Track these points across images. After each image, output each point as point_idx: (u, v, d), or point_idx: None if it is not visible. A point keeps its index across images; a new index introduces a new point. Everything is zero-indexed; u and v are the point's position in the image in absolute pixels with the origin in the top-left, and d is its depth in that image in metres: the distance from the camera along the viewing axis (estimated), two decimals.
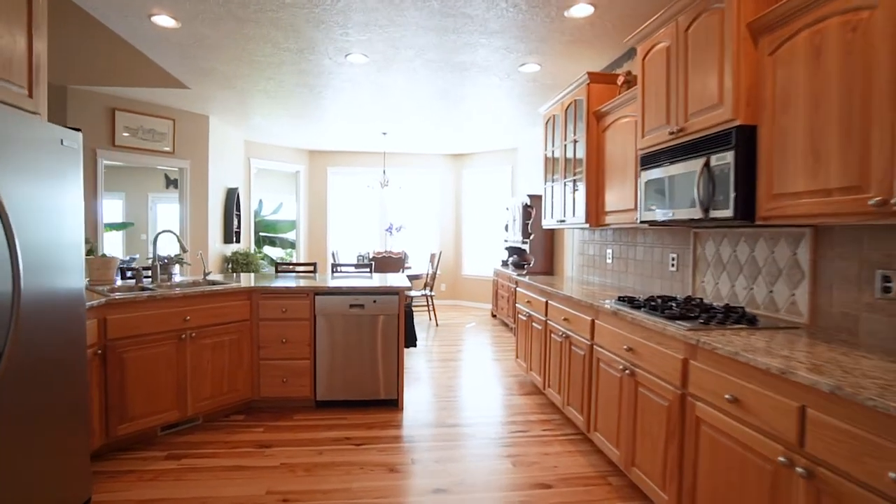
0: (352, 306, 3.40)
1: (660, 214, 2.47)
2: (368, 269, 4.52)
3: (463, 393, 3.87)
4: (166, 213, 9.41)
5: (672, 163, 2.35)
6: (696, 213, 2.10)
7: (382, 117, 5.76)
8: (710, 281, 2.66)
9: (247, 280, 3.66)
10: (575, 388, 3.00)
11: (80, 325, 2.14)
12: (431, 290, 6.65)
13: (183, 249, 3.39)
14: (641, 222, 2.68)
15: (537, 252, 6.05)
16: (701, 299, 2.57)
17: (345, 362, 3.42)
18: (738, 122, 1.87)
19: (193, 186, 5.63)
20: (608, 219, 3.27)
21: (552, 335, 3.41)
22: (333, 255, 6.29)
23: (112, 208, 9.38)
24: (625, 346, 2.36)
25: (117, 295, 2.75)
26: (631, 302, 2.53)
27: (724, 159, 1.92)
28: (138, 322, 2.79)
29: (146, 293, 2.84)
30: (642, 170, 2.64)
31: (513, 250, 7.18)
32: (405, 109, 5.40)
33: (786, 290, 2.08)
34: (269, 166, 7.63)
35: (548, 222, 4.24)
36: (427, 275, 6.76)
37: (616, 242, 3.75)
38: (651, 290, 3.26)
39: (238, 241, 6.57)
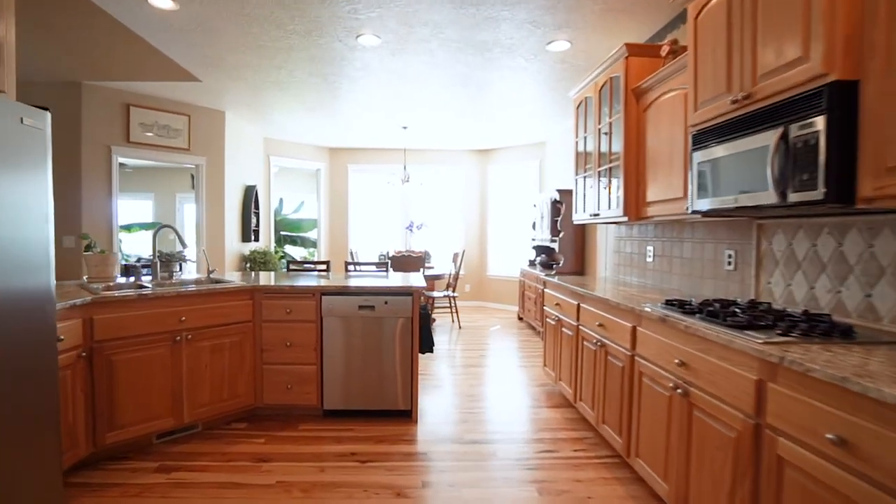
0: (361, 308, 3.10)
1: (717, 202, 2.06)
2: (384, 269, 4.23)
3: (484, 403, 3.52)
4: (192, 213, 9.41)
5: (735, 138, 1.94)
6: (769, 198, 1.69)
7: (401, 109, 5.47)
8: (778, 282, 2.22)
9: (258, 278, 3.42)
10: (612, 405, 2.60)
11: (48, 327, 1.91)
12: (454, 291, 6.31)
13: (183, 245, 3.17)
14: (693, 212, 2.27)
15: (567, 251, 5.64)
16: (769, 304, 2.14)
17: (354, 368, 3.12)
18: (832, 78, 1.46)
19: (209, 183, 5.48)
20: (650, 210, 2.86)
21: (585, 342, 3.02)
22: (352, 254, 6.04)
23: (143, 208, 9.46)
24: (676, 360, 1.96)
25: (106, 293, 2.53)
26: (682, 306, 2.13)
27: (811, 127, 1.51)
28: (128, 322, 2.57)
29: (136, 291, 2.62)
30: (694, 150, 2.23)
31: (541, 249, 6.76)
32: (425, 100, 5.09)
33: (893, 293, 1.65)
34: (289, 164, 7.47)
35: (579, 217, 3.85)
36: (450, 275, 6.43)
37: (658, 238, 3.32)
38: (700, 292, 2.83)
39: (257, 239, 6.41)
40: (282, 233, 8.51)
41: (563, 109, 5.46)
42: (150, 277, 3.19)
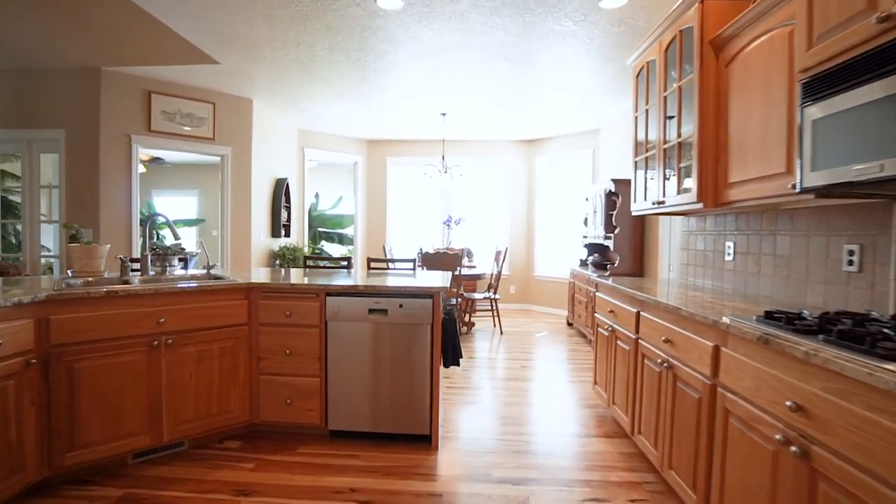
0: (372, 311, 2.62)
1: (844, 173, 1.41)
2: (411, 266, 3.75)
3: (522, 428, 2.94)
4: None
5: (882, 75, 1.29)
6: None
7: (437, 92, 4.98)
8: None
9: (274, 274, 3.04)
10: (683, 447, 1.97)
11: None
12: (495, 293, 5.75)
13: (175, 238, 2.83)
14: (802, 191, 1.61)
15: (623, 248, 4.92)
16: None
17: (364, 383, 2.66)
18: None
19: (235, 175, 5.24)
20: (734, 193, 2.18)
21: (646, 360, 2.38)
22: (385, 250, 5.63)
23: (188, 205, 9.59)
24: (787, 402, 1.33)
25: (64, 290, 2.20)
26: (790, 322, 1.48)
27: None
28: (94, 324, 2.22)
29: (103, 288, 2.27)
30: (806, 104, 1.58)
31: (593, 247, 6.06)
32: (461, 80, 4.56)
33: None
34: (324, 157, 7.19)
35: (639, 207, 3.19)
36: (491, 275, 5.87)
37: (741, 231, 2.62)
38: (804, 299, 2.12)
39: (287, 235, 6.15)
40: (319, 229, 8.28)
41: (620, 87, 4.75)
42: (139, 273, 2.88)
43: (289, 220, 6.16)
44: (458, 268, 5.09)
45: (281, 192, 5.88)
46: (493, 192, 7.59)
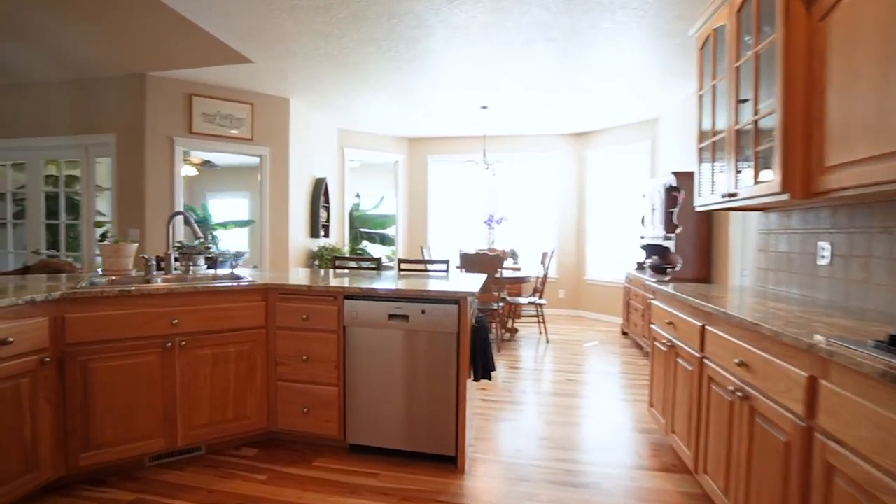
0: (392, 317, 2.37)
1: None
2: (444, 268, 3.48)
3: (565, 453, 2.59)
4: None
5: None
6: None
7: (476, 82, 4.68)
8: None
9: (312, 276, 2.88)
10: (766, 498, 1.56)
11: None
12: (541, 297, 5.36)
13: (196, 236, 2.73)
14: None
15: (686, 250, 4.40)
16: None
17: (384, 395, 2.41)
18: None
19: (274, 175, 5.20)
20: (834, 179, 1.73)
21: (713, 385, 1.97)
22: (422, 251, 5.41)
23: (240, 206, 9.87)
24: None
25: (78, 288, 2.11)
26: None
27: None
28: (108, 324, 2.13)
29: (118, 287, 2.17)
30: None
31: (651, 249, 5.53)
32: (501, 68, 4.24)
33: None
34: (364, 156, 7.09)
35: (706, 201, 2.74)
36: (537, 278, 5.49)
37: (842, 228, 2.13)
38: None
39: (326, 235, 6.07)
40: (360, 229, 8.21)
41: (680, 68, 4.24)
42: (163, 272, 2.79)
43: (328, 220, 6.08)
44: (500, 270, 4.77)
45: (320, 192, 5.81)
46: (539, 190, 7.17)
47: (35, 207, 4.89)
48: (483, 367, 2.53)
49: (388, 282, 2.66)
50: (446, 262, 3.49)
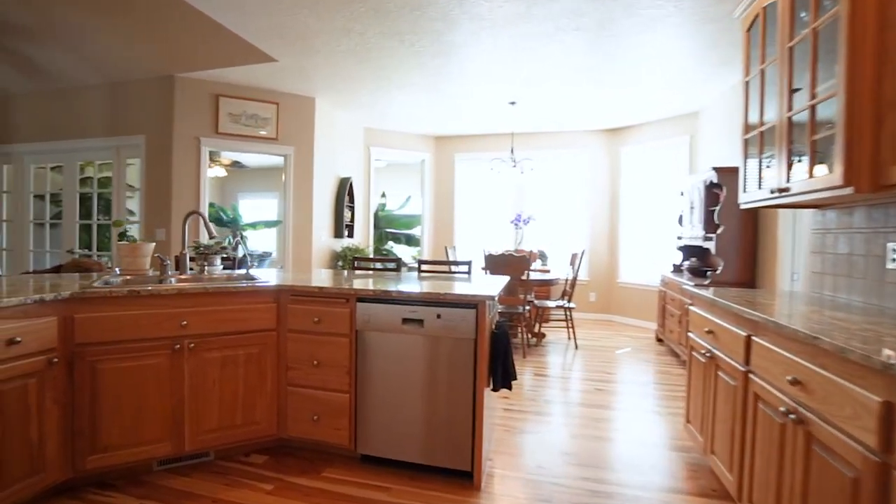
0: (406, 321, 2.24)
1: None
2: (466, 269, 3.33)
3: (591, 471, 2.39)
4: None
5: None
6: None
7: (503, 76, 4.51)
8: None
9: (318, 276, 2.80)
10: None
11: None
12: (570, 301, 5.13)
13: (210, 236, 2.68)
14: None
15: (728, 251, 4.09)
16: None
17: (397, 404, 2.29)
18: None
19: (298, 175, 5.18)
20: None
21: (760, 405, 1.75)
22: (447, 252, 5.27)
23: (269, 207, 10.01)
24: None
25: (88, 288, 2.08)
26: None
27: None
28: (117, 324, 2.09)
29: (126, 288, 2.12)
30: None
31: (689, 250, 5.21)
32: (529, 60, 4.06)
33: None
34: (391, 155, 7.02)
35: (751, 197, 2.48)
36: (566, 281, 5.27)
37: None
38: None
39: (351, 235, 6.02)
40: (386, 230, 8.15)
41: (722, 56, 3.94)
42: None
43: (352, 220, 6.03)
44: (527, 272, 4.58)
45: (344, 192, 5.76)
46: (570, 189, 6.92)
47: (70, 208, 5.03)
48: (503, 376, 2.37)
49: (405, 284, 2.53)
50: (468, 263, 3.33)
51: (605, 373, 4.16)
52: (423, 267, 3.47)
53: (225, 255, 3.08)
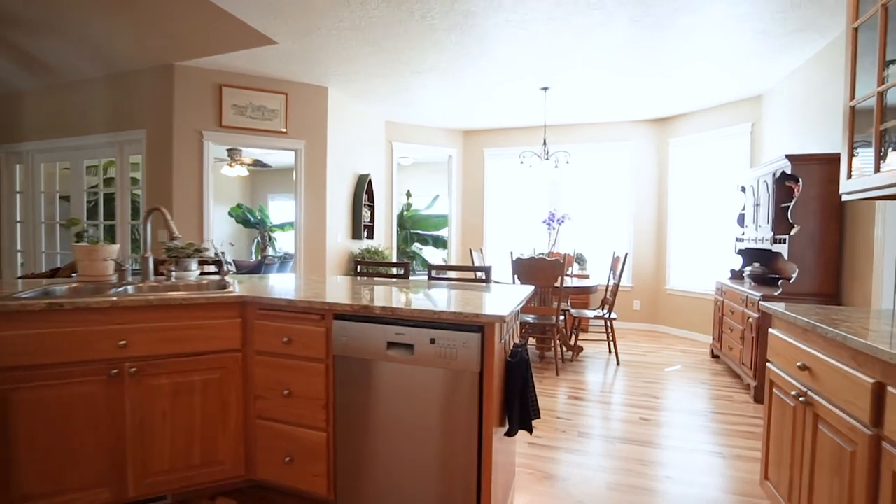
0: (392, 346, 1.75)
1: None
2: (484, 276, 2.82)
3: None
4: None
5: None
6: None
7: (533, 53, 3.95)
8: None
9: (354, 288, 2.37)
10: None
11: None
12: (611, 311, 4.51)
13: (171, 236, 2.28)
14: None
15: (805, 257, 3.38)
16: None
17: (382, 448, 1.80)
18: None
19: (309, 171, 4.81)
20: None
21: None
22: (472, 256, 4.76)
23: (290, 209, 9.78)
24: None
25: (5, 298, 1.70)
26: None
27: None
28: (37, 345, 1.71)
29: (46, 300, 1.74)
30: None
31: (751, 254, 4.48)
32: (563, 36, 3.50)
33: None
34: (415, 151, 6.57)
35: (862, 185, 1.84)
36: (606, 287, 4.64)
37: None
38: None
39: (370, 236, 5.61)
40: (412, 231, 7.71)
41: (791, 31, 3.25)
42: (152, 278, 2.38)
43: (372, 220, 5.62)
44: (561, 277, 4.00)
45: (363, 190, 5.35)
46: (611, 185, 6.25)
47: (78, 206, 4.86)
48: (521, 416, 1.84)
49: (398, 295, 2.05)
50: (487, 269, 2.82)
51: (651, 396, 3.53)
52: (437, 273, 2.97)
53: (206, 259, 2.69)
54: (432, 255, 7.86)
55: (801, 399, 1.61)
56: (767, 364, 1.96)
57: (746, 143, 5.07)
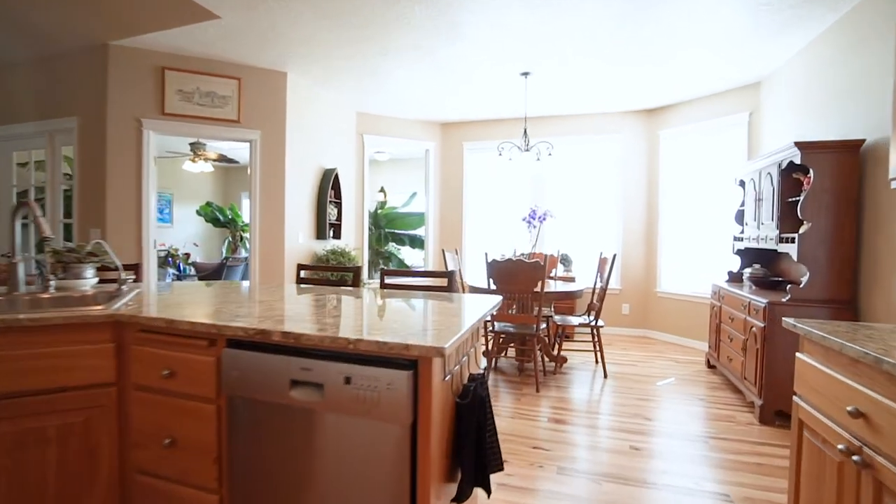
0: (297, 384, 1.30)
1: None
2: (446, 282, 2.38)
3: None
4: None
5: None
6: None
7: (513, 35, 3.52)
8: None
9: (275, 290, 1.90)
10: None
11: None
12: (598, 319, 4.09)
13: (43, 236, 1.81)
14: None
15: (816, 258, 2.98)
16: None
17: None
18: None
19: (266, 164, 4.33)
20: None
21: None
22: (445, 257, 4.32)
23: None
24: None
25: None
26: None
27: None
28: None
29: None
30: None
31: (751, 255, 4.10)
32: (544, 15, 3.07)
33: None
34: (390, 145, 6.11)
35: None
36: (592, 291, 4.23)
37: None
38: None
39: (337, 236, 5.14)
40: (387, 230, 7.25)
41: (791, 13, 2.87)
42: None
43: (339, 218, 5.15)
44: (541, 281, 3.57)
45: (328, 186, 4.89)
46: (598, 181, 5.84)
47: (6, 204, 4.33)
48: (476, 473, 1.40)
49: (325, 311, 1.59)
50: (450, 274, 2.38)
51: (642, 418, 3.11)
52: (388, 280, 2.53)
53: (107, 265, 2.22)
54: (410, 255, 7.41)
55: (854, 458, 1.18)
56: (795, 398, 1.54)
57: (743, 134, 4.68)
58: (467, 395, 1.35)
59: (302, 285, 2.53)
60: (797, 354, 1.53)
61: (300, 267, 2.62)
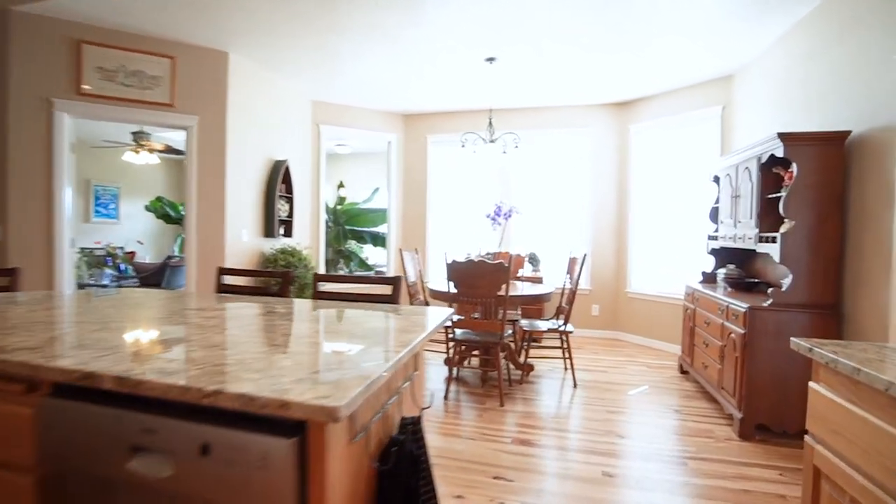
0: (140, 452, 0.92)
1: None
2: (389, 291, 2.03)
3: None
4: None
5: None
6: None
7: (479, 20, 3.19)
8: None
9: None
10: None
11: None
12: (567, 323, 3.81)
13: None
14: None
15: (799, 259, 2.75)
16: None
17: None
18: None
19: (203, 153, 3.88)
20: None
21: None
22: (403, 258, 3.97)
23: None
24: None
25: None
26: None
27: None
28: None
29: None
30: None
31: (726, 254, 3.90)
32: (512, 10, 2.75)
33: None
34: (348, 136, 5.71)
35: None
36: (561, 293, 3.95)
37: None
38: None
39: (288, 234, 4.72)
40: (347, 227, 6.83)
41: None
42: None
43: (290, 214, 4.73)
44: (505, 284, 3.26)
45: (277, 179, 4.46)
46: (567, 177, 5.58)
47: None
48: None
49: (211, 334, 1.22)
50: (393, 281, 2.03)
51: (615, 435, 2.84)
52: (328, 287, 2.16)
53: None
54: (373, 254, 7.02)
55: None
56: (807, 437, 1.26)
57: (716, 129, 4.49)
58: (388, 457, 1.01)
59: (223, 294, 2.14)
60: (810, 384, 1.25)
61: (221, 271, 2.23)
